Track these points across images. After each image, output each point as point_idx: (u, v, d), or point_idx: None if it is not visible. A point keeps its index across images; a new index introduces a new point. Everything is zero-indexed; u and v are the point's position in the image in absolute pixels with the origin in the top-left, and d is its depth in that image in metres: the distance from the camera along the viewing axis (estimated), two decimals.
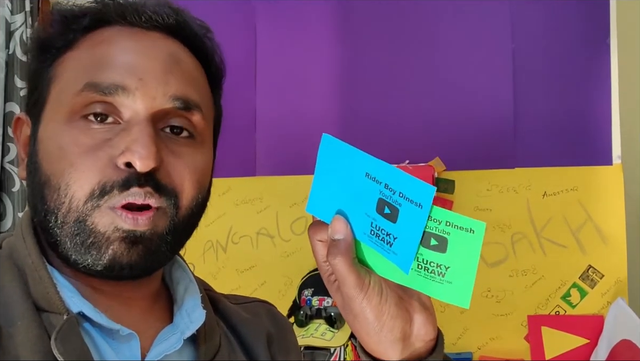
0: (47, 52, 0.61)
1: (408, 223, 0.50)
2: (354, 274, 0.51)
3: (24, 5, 2.06)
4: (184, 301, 0.65)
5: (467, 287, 0.50)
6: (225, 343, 0.66)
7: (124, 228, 0.55)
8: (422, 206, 0.49)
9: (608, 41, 1.74)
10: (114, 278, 0.58)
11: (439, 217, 0.50)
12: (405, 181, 0.50)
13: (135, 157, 0.55)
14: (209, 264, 1.96)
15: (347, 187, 0.53)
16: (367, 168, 0.52)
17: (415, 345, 0.54)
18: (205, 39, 0.66)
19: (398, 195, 0.50)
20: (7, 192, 2.01)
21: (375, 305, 0.52)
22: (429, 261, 0.51)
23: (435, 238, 0.50)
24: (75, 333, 0.54)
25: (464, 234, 0.49)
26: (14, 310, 0.54)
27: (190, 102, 0.60)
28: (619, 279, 1.70)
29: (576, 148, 1.76)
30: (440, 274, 0.51)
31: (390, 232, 0.51)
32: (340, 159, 0.53)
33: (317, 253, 0.55)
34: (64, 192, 0.56)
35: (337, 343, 1.60)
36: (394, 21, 1.91)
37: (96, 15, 0.61)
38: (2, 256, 0.59)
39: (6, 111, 2.02)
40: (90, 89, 0.57)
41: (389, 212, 0.51)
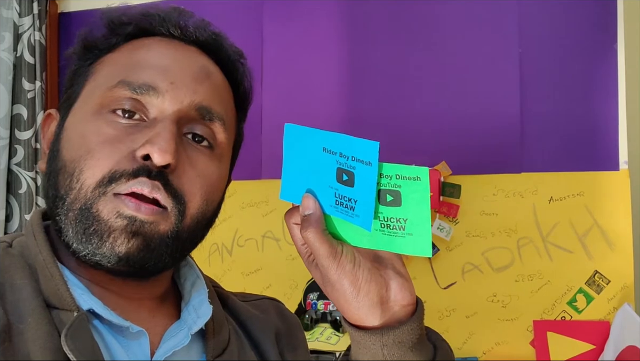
0: (90, 52, 0.64)
1: (363, 183, 0.52)
2: (326, 244, 0.54)
3: (31, 8, 2.07)
4: (191, 297, 0.65)
5: (425, 235, 0.52)
6: (234, 339, 0.66)
7: (126, 213, 0.56)
8: (371, 163, 0.51)
9: (615, 46, 1.74)
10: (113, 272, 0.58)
11: (390, 172, 0.52)
12: (353, 144, 0.52)
13: (155, 148, 0.56)
14: (214, 267, 1.96)
15: (311, 166, 0.56)
16: (323, 143, 0.54)
17: (393, 308, 0.56)
18: (238, 63, 0.69)
19: (351, 159, 0.53)
20: (14, 194, 2.02)
21: (349, 271, 0.54)
22: (390, 218, 0.53)
23: (390, 193, 0.52)
24: (85, 330, 0.54)
25: (412, 183, 0.51)
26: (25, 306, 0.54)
27: (214, 114, 0.62)
28: (626, 285, 1.70)
29: (583, 153, 1.76)
30: (401, 228, 0.53)
31: (350, 197, 0.53)
32: (302, 142, 0.56)
33: (295, 236, 0.58)
34: (76, 177, 0.57)
35: (342, 348, 1.60)
36: (402, 25, 1.92)
37: (141, 24, 0.64)
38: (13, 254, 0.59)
39: (13, 113, 2.03)
40: (123, 86, 0.59)
41: (346, 178, 0.53)
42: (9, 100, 2.01)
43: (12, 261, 0.58)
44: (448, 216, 1.79)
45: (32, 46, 2.06)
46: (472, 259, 1.80)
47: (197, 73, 0.62)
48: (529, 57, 1.81)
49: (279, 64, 2.01)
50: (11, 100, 2.02)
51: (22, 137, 2.03)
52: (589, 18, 1.77)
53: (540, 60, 1.80)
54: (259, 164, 1.98)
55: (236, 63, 0.68)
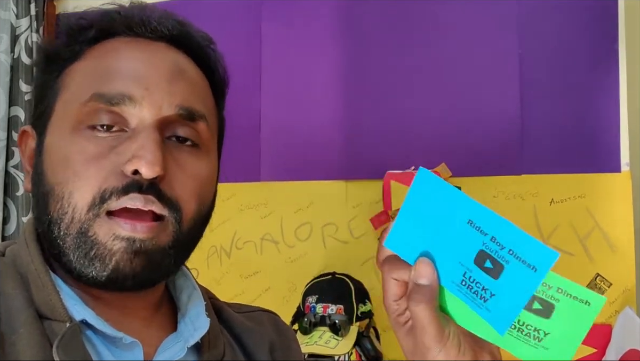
0: (54, 63, 0.62)
1: (513, 283, 0.46)
2: (436, 325, 0.48)
3: (29, 10, 2.06)
4: (187, 309, 0.64)
5: (566, 357, 0.47)
6: (229, 352, 0.66)
7: (122, 234, 0.55)
8: (536, 269, 0.45)
9: (616, 47, 1.72)
10: (117, 289, 0.57)
11: (550, 282, 0.46)
12: (521, 239, 0.46)
13: (142, 162, 0.54)
14: (212, 270, 1.95)
15: (441, 230, 0.49)
16: (471, 215, 0.48)
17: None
18: (208, 49, 0.66)
19: (507, 252, 0.46)
20: (12, 196, 2.01)
21: (452, 357, 0.49)
22: (526, 324, 0.47)
23: (540, 301, 0.47)
24: (77, 341, 0.53)
25: (576, 304, 0.46)
26: (17, 317, 0.53)
27: (194, 112, 0.60)
28: (627, 288, 1.69)
29: (584, 155, 1.75)
30: (537, 338, 0.47)
31: (487, 287, 0.47)
32: (437, 197, 0.49)
33: (389, 290, 0.51)
34: (67, 201, 0.56)
35: (341, 351, 1.59)
36: (401, 26, 1.91)
37: (102, 27, 0.62)
38: (5, 263, 0.58)
39: (11, 115, 2.02)
40: (97, 100, 0.57)
41: (490, 267, 0.47)
42: (6, 102, 2.00)
43: (4, 269, 0.57)
44: None
45: (29, 48, 2.05)
46: None
47: (171, 72, 0.60)
48: (529, 58, 1.80)
49: (277, 66, 2.00)
50: (8, 102, 2.01)
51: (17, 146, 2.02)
52: (589, 19, 1.76)
53: (540, 61, 1.79)
54: (258, 167, 1.97)
55: (206, 50, 0.66)
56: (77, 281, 0.58)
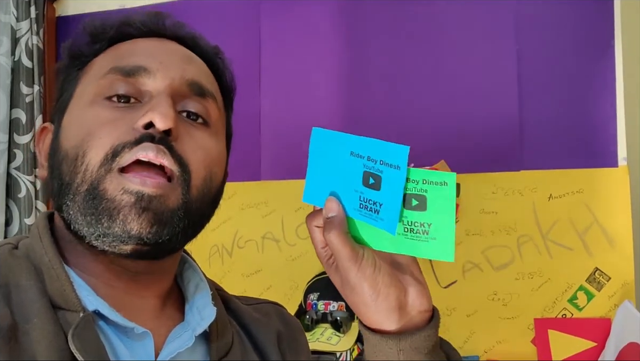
0: (76, 60, 0.66)
1: (390, 187, 0.53)
2: (348, 247, 0.54)
3: (29, 13, 2.07)
4: (194, 299, 0.65)
5: (449, 240, 0.53)
6: (237, 342, 0.67)
7: (131, 188, 0.56)
8: (399, 167, 0.52)
9: (613, 43, 1.74)
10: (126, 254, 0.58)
11: (416, 177, 0.53)
12: (382, 148, 0.53)
13: (155, 113, 0.57)
14: (214, 269, 1.96)
15: (337, 170, 0.56)
16: (351, 147, 0.55)
17: (411, 314, 0.56)
18: (217, 58, 0.70)
19: (379, 163, 0.53)
20: (14, 198, 2.02)
21: (369, 275, 0.55)
22: (414, 222, 0.53)
23: (416, 198, 0.53)
24: (91, 330, 0.54)
25: (439, 188, 0.52)
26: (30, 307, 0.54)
27: (205, 89, 0.64)
28: (626, 282, 1.70)
29: (582, 150, 1.76)
30: (425, 232, 0.53)
31: (376, 200, 0.54)
32: (329, 146, 0.57)
33: (315, 239, 0.58)
34: (80, 160, 0.58)
35: (343, 348, 1.60)
36: (399, 24, 1.92)
37: (122, 28, 0.66)
38: (18, 255, 0.59)
39: (12, 117, 2.03)
40: (115, 72, 0.61)
41: (373, 182, 0.54)
42: (7, 104, 2.00)
43: (17, 262, 0.58)
44: None
45: (30, 50, 2.06)
46: (472, 258, 1.80)
47: (184, 56, 0.65)
48: (526, 54, 1.81)
49: (276, 65, 2.01)
50: (9, 104, 2.01)
51: (21, 142, 2.03)
52: (586, 14, 1.77)
53: (537, 57, 1.81)
54: (258, 166, 1.98)
55: (215, 59, 0.70)
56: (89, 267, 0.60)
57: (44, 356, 0.52)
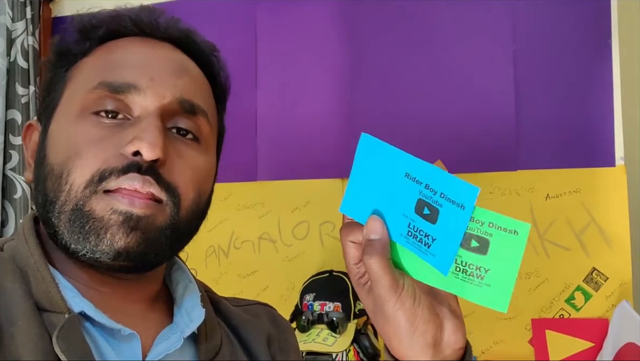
0: (64, 58, 0.64)
1: (448, 224, 0.49)
2: (389, 275, 0.51)
3: (25, 13, 2.07)
4: (183, 301, 0.65)
5: (506, 290, 0.49)
6: (226, 343, 0.66)
7: (120, 208, 0.55)
8: (464, 207, 0.48)
9: (609, 41, 1.73)
10: (112, 268, 0.58)
11: (482, 218, 0.49)
12: (448, 181, 0.49)
13: (143, 143, 0.56)
14: (211, 270, 1.96)
15: (385, 187, 0.52)
16: (407, 168, 0.51)
17: (445, 352, 0.53)
18: (212, 56, 0.68)
19: (439, 196, 0.49)
20: (9, 199, 2.01)
21: (408, 308, 0.51)
22: (468, 264, 0.50)
23: (476, 239, 0.49)
24: (76, 332, 0.54)
25: (506, 235, 0.48)
26: (15, 310, 0.54)
27: (195, 106, 0.62)
28: (624, 282, 1.69)
29: (579, 150, 1.75)
30: (480, 277, 0.49)
31: (429, 233, 0.50)
32: (379, 159, 0.52)
33: (348, 254, 0.54)
34: (65, 179, 0.57)
35: (339, 349, 1.59)
36: (395, 24, 1.91)
37: (112, 26, 0.64)
38: (3, 258, 0.59)
39: (8, 118, 2.02)
40: (103, 87, 0.59)
41: (428, 213, 0.50)
42: (2, 105, 2.00)
43: (2, 264, 0.58)
44: None
45: (25, 51, 2.05)
46: None
47: (175, 67, 0.62)
48: (523, 54, 1.81)
49: (273, 66, 2.00)
50: (5, 105, 2.01)
51: (17, 142, 2.02)
52: (582, 14, 1.77)
53: (534, 57, 1.80)
54: (255, 166, 1.97)
55: (210, 57, 0.68)
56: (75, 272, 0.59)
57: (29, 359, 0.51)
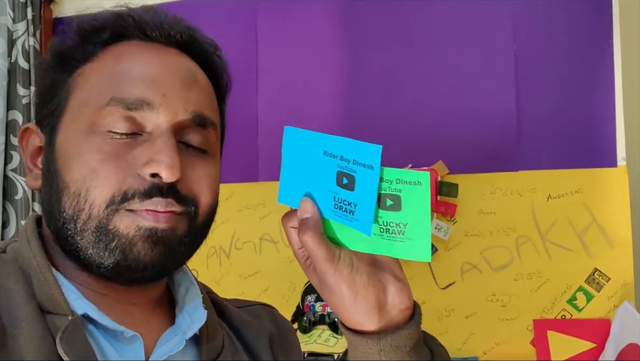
0: (66, 63, 0.62)
1: (364, 187, 0.52)
2: (324, 248, 0.54)
3: (25, 14, 2.07)
4: (185, 303, 0.65)
5: (425, 240, 0.52)
6: (228, 345, 0.66)
7: (145, 225, 0.56)
8: (373, 167, 0.51)
9: (611, 42, 1.73)
10: (133, 279, 0.59)
11: (390, 176, 0.52)
12: (355, 148, 0.52)
13: (162, 167, 0.56)
14: (212, 270, 1.96)
15: (310, 170, 0.55)
16: (324, 146, 0.54)
17: (391, 313, 0.55)
18: (214, 56, 0.68)
19: (352, 163, 0.53)
20: (10, 200, 2.01)
21: (346, 276, 0.54)
22: (389, 222, 0.53)
23: (390, 198, 0.52)
24: (79, 334, 0.54)
25: (413, 188, 0.51)
26: (19, 311, 0.54)
27: (206, 119, 0.62)
28: (626, 282, 1.69)
29: (580, 150, 1.75)
30: (400, 233, 0.53)
31: (350, 201, 0.53)
32: (302, 145, 0.56)
33: (292, 239, 0.57)
34: (83, 198, 0.57)
35: (340, 349, 1.59)
36: (396, 24, 1.91)
37: (116, 29, 0.62)
38: (6, 260, 0.59)
39: (9, 119, 2.03)
40: (116, 104, 0.58)
41: (347, 182, 0.53)
42: (3, 106, 2.00)
43: (5, 266, 0.58)
44: (446, 215, 1.78)
45: (26, 52, 2.06)
46: (470, 259, 1.79)
47: (185, 79, 0.62)
48: (524, 54, 1.81)
49: (274, 66, 2.01)
50: (6, 106, 2.01)
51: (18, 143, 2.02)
52: (584, 13, 1.77)
53: (535, 57, 1.80)
54: (256, 167, 1.97)
55: (213, 57, 0.68)
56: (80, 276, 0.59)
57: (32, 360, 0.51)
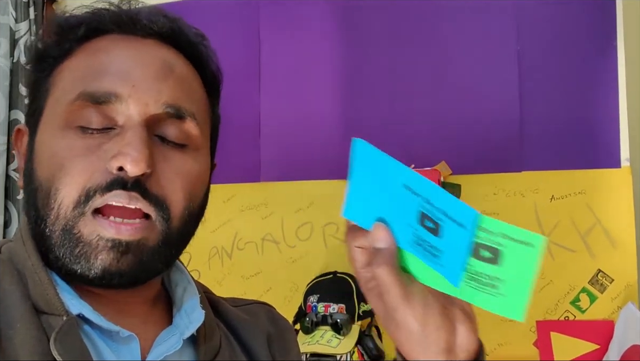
0: (44, 61, 0.62)
1: (453, 241, 0.48)
2: (399, 285, 0.50)
3: (28, 14, 2.07)
4: (182, 303, 0.64)
5: (521, 300, 0.49)
6: (225, 344, 0.66)
7: (106, 236, 0.54)
8: (465, 227, 0.48)
9: (615, 43, 1.72)
10: (106, 286, 0.57)
11: (492, 228, 0.48)
12: (447, 201, 0.48)
13: (127, 160, 0.54)
14: (214, 271, 1.95)
15: (385, 195, 0.51)
16: (405, 180, 0.50)
17: (458, 355, 0.52)
18: (200, 46, 0.66)
19: (440, 212, 0.49)
20: (13, 199, 2.01)
21: (419, 315, 0.50)
22: (480, 273, 0.49)
23: (488, 249, 0.48)
24: (74, 334, 0.53)
25: (520, 247, 0.47)
26: (13, 312, 0.54)
27: (182, 110, 0.59)
28: (629, 284, 1.68)
29: (584, 151, 1.74)
30: (492, 286, 0.49)
31: (434, 245, 0.49)
32: (375, 166, 0.51)
33: (355, 260, 0.53)
34: (53, 197, 0.56)
35: (343, 350, 1.59)
36: (399, 24, 1.91)
37: (92, 24, 0.61)
38: (1, 259, 0.58)
39: (11, 118, 2.02)
40: (84, 98, 0.57)
41: (431, 226, 0.49)
42: (6, 105, 2.00)
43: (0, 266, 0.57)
44: None
45: (29, 51, 2.05)
46: None
47: (159, 69, 0.59)
48: (527, 54, 1.80)
49: (276, 66, 2.00)
50: (8, 105, 2.01)
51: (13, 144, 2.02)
52: (587, 14, 1.76)
53: (539, 57, 1.79)
54: (258, 167, 1.97)
55: (198, 47, 0.65)
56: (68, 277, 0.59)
57: None
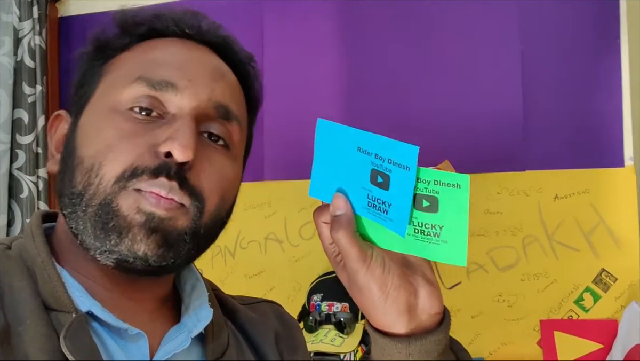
0: (102, 51, 0.64)
1: (399, 187, 0.51)
2: (356, 247, 0.53)
3: (31, 13, 2.07)
4: (191, 301, 0.65)
5: (461, 244, 0.51)
6: (233, 342, 0.66)
7: (146, 209, 0.55)
8: (409, 168, 0.50)
9: (618, 42, 1.72)
10: (127, 269, 0.57)
11: (427, 177, 0.51)
12: (391, 147, 0.51)
13: (175, 144, 0.55)
14: (217, 270, 1.95)
15: (344, 165, 0.54)
16: (358, 142, 0.53)
17: (421, 317, 0.55)
18: (248, 66, 0.69)
19: (387, 162, 0.52)
20: (16, 198, 2.01)
21: (378, 276, 0.53)
22: (424, 223, 0.52)
23: (427, 198, 0.51)
24: (84, 331, 0.54)
25: (451, 190, 0.50)
26: (23, 309, 0.54)
27: (231, 112, 0.62)
28: (633, 283, 1.68)
29: (587, 150, 1.74)
30: (436, 235, 0.51)
31: (384, 200, 0.52)
32: (335, 139, 0.55)
33: (323, 234, 0.57)
34: (95, 172, 0.56)
35: (346, 349, 1.59)
36: (402, 24, 1.91)
37: (155, 25, 0.64)
38: (11, 256, 0.58)
39: (14, 117, 2.02)
40: (141, 82, 0.59)
41: (381, 181, 0.52)
42: (9, 104, 2.00)
43: (10, 263, 0.57)
44: None
45: (32, 50, 2.06)
46: (477, 259, 1.79)
47: (214, 71, 0.62)
48: (530, 53, 1.80)
49: (279, 65, 2.00)
50: (12, 104, 2.01)
51: (23, 142, 2.02)
52: (590, 13, 1.76)
53: (542, 56, 1.79)
54: (261, 166, 1.97)
55: (247, 66, 0.68)
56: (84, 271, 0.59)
57: (37, 358, 0.51)
